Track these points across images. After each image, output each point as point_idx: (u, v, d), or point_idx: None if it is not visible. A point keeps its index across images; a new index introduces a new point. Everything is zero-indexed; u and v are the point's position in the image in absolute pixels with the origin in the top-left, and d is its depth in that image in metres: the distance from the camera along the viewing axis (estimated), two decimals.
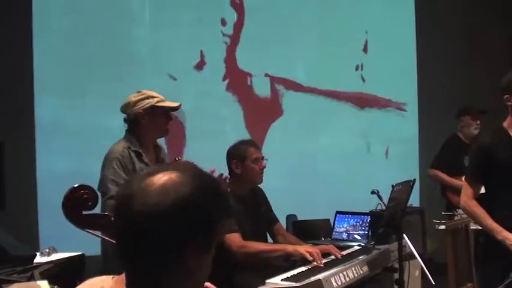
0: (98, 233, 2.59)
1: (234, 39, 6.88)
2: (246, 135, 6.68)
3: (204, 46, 6.66)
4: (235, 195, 4.34)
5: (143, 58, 6.39)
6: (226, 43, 6.83)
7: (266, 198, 4.74)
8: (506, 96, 3.95)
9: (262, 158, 4.48)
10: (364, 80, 7.74)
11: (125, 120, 4.13)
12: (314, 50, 7.40)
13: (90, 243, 4.43)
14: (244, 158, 4.42)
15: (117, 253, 1.48)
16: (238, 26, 6.90)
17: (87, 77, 6.32)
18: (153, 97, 4.07)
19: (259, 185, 4.64)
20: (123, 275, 1.53)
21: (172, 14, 6.50)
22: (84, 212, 2.45)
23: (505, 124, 4.01)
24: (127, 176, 3.81)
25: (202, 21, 6.66)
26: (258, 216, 4.54)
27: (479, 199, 3.93)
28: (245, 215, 4.37)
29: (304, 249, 4.04)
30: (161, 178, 1.45)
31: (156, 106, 4.04)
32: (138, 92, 4.12)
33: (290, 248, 4.18)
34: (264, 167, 4.49)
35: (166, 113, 4.12)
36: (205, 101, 6.65)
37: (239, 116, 6.90)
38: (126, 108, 4.09)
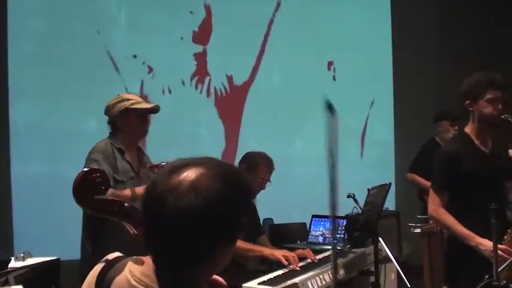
0: (113, 218, 2.52)
1: (208, 43, 6.86)
2: (220, 139, 6.68)
3: (179, 50, 6.64)
4: None
5: (119, 61, 6.36)
6: (199, 47, 6.80)
7: (256, 209, 4.74)
8: (467, 102, 3.92)
9: (267, 181, 4.49)
10: (338, 83, 7.76)
11: (108, 123, 4.17)
12: (288, 54, 7.41)
13: (65, 248, 4.42)
14: (253, 170, 4.50)
15: (145, 247, 1.52)
16: (210, 30, 6.89)
17: (62, 81, 6.27)
18: (128, 99, 4.09)
19: None
20: (146, 258, 1.56)
21: (148, 17, 6.48)
22: (96, 197, 2.40)
23: (467, 130, 3.99)
24: (110, 168, 3.83)
25: (177, 25, 6.64)
26: (249, 226, 4.54)
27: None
28: None
29: (280, 253, 4.06)
30: (189, 176, 1.48)
31: (130, 108, 4.06)
32: (118, 95, 4.16)
33: (267, 251, 4.20)
34: (263, 189, 4.51)
35: (142, 115, 4.12)
36: (180, 105, 6.62)
37: (214, 120, 6.88)
38: (106, 111, 4.16)
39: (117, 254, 1.67)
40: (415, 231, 6.11)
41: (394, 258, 4.41)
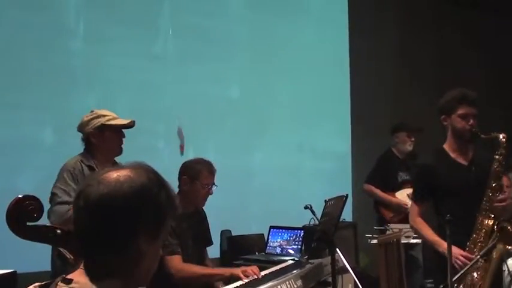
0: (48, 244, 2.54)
1: (168, 55, 6.84)
2: (178, 151, 6.64)
3: (137, 61, 6.60)
4: (181, 213, 4.32)
5: (76, 72, 6.29)
6: (158, 58, 6.76)
7: (206, 218, 4.73)
8: (443, 116, 4.12)
9: (212, 185, 4.46)
10: (295, 96, 7.79)
11: (82, 140, 4.13)
12: (247, 66, 7.42)
13: (22, 260, 4.36)
14: (195, 178, 4.39)
15: (76, 243, 1.64)
16: (169, 42, 6.87)
17: (19, 90, 6.17)
18: (103, 116, 4.07)
19: None
20: (74, 274, 1.65)
21: (106, 28, 6.42)
22: (29, 223, 2.40)
23: (445, 146, 4.18)
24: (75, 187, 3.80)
25: (136, 37, 6.60)
26: (199, 235, 4.53)
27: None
28: (188, 234, 4.36)
29: (239, 271, 4.07)
30: (116, 173, 1.63)
31: (105, 125, 4.03)
32: (91, 111, 4.12)
33: (228, 273, 4.20)
34: (211, 194, 4.48)
35: (117, 131, 4.09)
36: (138, 117, 6.55)
37: (173, 132, 6.83)
38: (80, 128, 4.12)
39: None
40: (371, 242, 6.18)
41: (351, 268, 4.43)
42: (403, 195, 6.89)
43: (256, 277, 4.01)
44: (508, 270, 5.71)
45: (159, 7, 6.80)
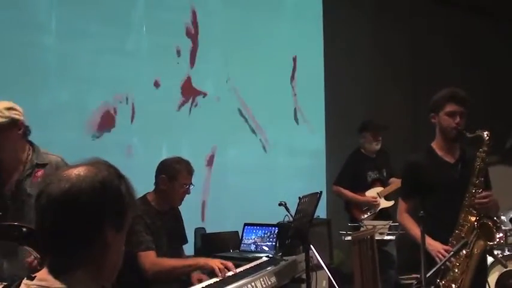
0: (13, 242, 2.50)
1: (140, 51, 6.78)
2: (152, 148, 6.60)
3: (110, 58, 6.53)
4: (156, 211, 4.32)
5: (48, 68, 6.21)
6: (132, 55, 6.70)
7: (181, 216, 4.71)
8: (431, 114, 4.17)
9: (190, 185, 4.44)
10: (269, 92, 7.76)
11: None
12: (221, 61, 7.39)
13: None
14: (173, 177, 4.37)
15: (41, 241, 1.66)
16: (143, 39, 6.81)
17: None
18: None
19: None
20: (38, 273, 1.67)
21: (78, 24, 6.35)
22: None
23: (433, 145, 4.23)
24: None
25: (109, 33, 6.53)
26: (174, 233, 4.51)
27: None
28: (162, 232, 4.34)
29: (214, 263, 4.05)
30: (75, 170, 1.67)
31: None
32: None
33: (202, 262, 4.19)
34: (188, 193, 4.46)
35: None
36: (110, 113, 6.50)
37: (146, 129, 6.78)
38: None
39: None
40: (345, 238, 6.21)
41: (326, 265, 4.44)
42: (373, 194, 6.92)
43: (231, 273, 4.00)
44: None
45: (132, 3, 6.73)
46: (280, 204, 4.93)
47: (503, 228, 6.21)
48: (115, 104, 6.47)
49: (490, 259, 5.75)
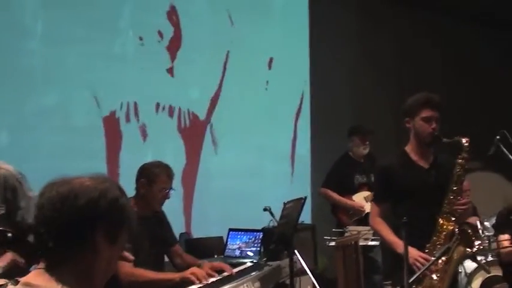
0: None
1: (126, 55, 6.77)
2: (136, 151, 6.58)
3: (97, 63, 6.51)
4: (137, 216, 4.26)
5: (33, 73, 6.18)
6: (118, 60, 6.67)
7: (166, 218, 4.69)
8: (406, 119, 4.18)
9: (170, 189, 4.42)
10: (252, 97, 7.76)
11: None
12: (207, 66, 7.38)
13: None
14: (153, 181, 4.36)
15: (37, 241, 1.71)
16: (128, 43, 6.80)
17: None
18: None
19: None
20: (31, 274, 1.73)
21: (65, 28, 6.32)
22: None
23: (406, 148, 4.24)
24: None
25: (96, 38, 6.51)
26: (156, 238, 4.49)
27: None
28: (144, 236, 4.32)
29: (189, 273, 4.04)
30: (79, 179, 1.74)
31: None
32: None
33: (177, 277, 4.14)
34: (168, 198, 4.44)
35: None
36: (97, 120, 6.48)
37: (134, 132, 6.77)
38: None
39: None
40: (330, 244, 6.22)
41: (310, 270, 4.45)
42: (360, 198, 6.95)
43: (211, 280, 3.99)
44: (465, 271, 5.81)
45: (119, 7, 6.72)
46: (265, 209, 4.93)
47: (486, 234, 6.25)
48: (102, 108, 6.45)
49: (473, 265, 5.81)
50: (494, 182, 8.73)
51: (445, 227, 3.94)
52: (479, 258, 5.88)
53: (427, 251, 3.92)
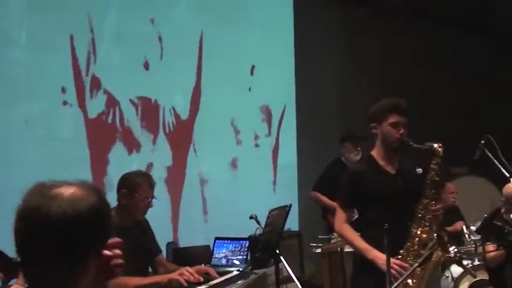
0: None
1: (110, 63, 6.75)
2: (125, 162, 6.57)
3: (82, 71, 6.48)
4: (118, 227, 4.22)
5: (18, 81, 6.15)
6: (99, 68, 6.64)
7: (150, 228, 4.67)
8: (373, 124, 4.15)
9: (152, 197, 4.42)
10: (238, 104, 7.74)
11: None
12: (192, 73, 7.37)
13: None
14: (134, 191, 4.33)
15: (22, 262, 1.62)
16: (114, 50, 6.79)
17: None
18: None
19: None
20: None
21: (49, 37, 6.31)
22: None
23: (373, 152, 4.22)
24: None
25: (78, 45, 6.49)
26: (139, 248, 4.46)
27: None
28: (126, 248, 4.28)
29: (176, 275, 4.04)
30: (66, 189, 1.62)
31: None
32: None
33: (165, 279, 4.14)
34: (150, 207, 4.42)
35: None
36: (80, 127, 6.46)
37: (118, 143, 6.75)
38: None
39: None
40: (316, 251, 6.23)
41: (296, 278, 4.45)
42: None
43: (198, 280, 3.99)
44: (452, 276, 5.84)
45: (103, 15, 6.71)
46: (251, 217, 4.93)
47: (473, 238, 6.27)
48: (87, 115, 6.44)
49: (460, 269, 5.84)
50: (480, 187, 8.76)
51: (418, 232, 3.89)
52: (465, 262, 5.94)
53: (400, 257, 3.88)
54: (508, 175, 5.66)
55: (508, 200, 5.73)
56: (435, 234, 3.84)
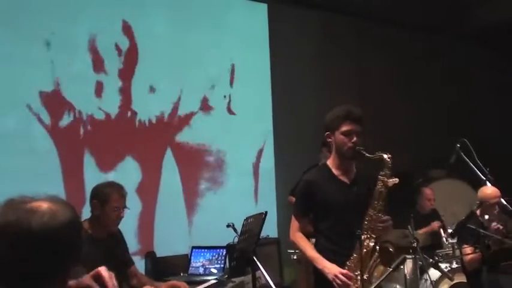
0: None
1: (86, 74, 6.71)
2: (96, 170, 6.54)
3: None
4: (92, 239, 4.20)
5: None
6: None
7: (123, 239, 4.64)
8: (327, 133, 4.09)
9: (123, 208, 4.40)
10: (215, 115, 7.75)
11: None
12: (173, 80, 7.37)
13: None
14: (105, 201, 4.30)
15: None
16: (87, 61, 6.76)
17: None
18: None
19: None
20: None
21: (21, 48, 6.26)
22: None
23: (328, 162, 4.16)
24: None
25: (54, 56, 6.44)
26: (113, 260, 4.43)
27: None
28: (100, 259, 4.25)
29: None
30: (43, 204, 1.65)
31: None
32: None
33: None
34: (122, 217, 4.40)
35: None
36: (58, 137, 6.42)
37: (97, 149, 6.71)
38: None
39: None
40: (293, 257, 6.23)
41: (276, 285, 4.45)
42: None
43: None
44: (430, 279, 5.85)
45: (74, 25, 6.67)
46: (228, 226, 4.93)
47: (450, 241, 6.30)
48: (64, 126, 6.41)
49: (438, 273, 5.86)
50: (458, 190, 8.81)
51: (365, 244, 3.78)
52: (443, 265, 5.97)
53: (347, 268, 3.80)
54: (483, 178, 5.70)
55: (482, 202, 5.78)
56: (377, 247, 3.77)
